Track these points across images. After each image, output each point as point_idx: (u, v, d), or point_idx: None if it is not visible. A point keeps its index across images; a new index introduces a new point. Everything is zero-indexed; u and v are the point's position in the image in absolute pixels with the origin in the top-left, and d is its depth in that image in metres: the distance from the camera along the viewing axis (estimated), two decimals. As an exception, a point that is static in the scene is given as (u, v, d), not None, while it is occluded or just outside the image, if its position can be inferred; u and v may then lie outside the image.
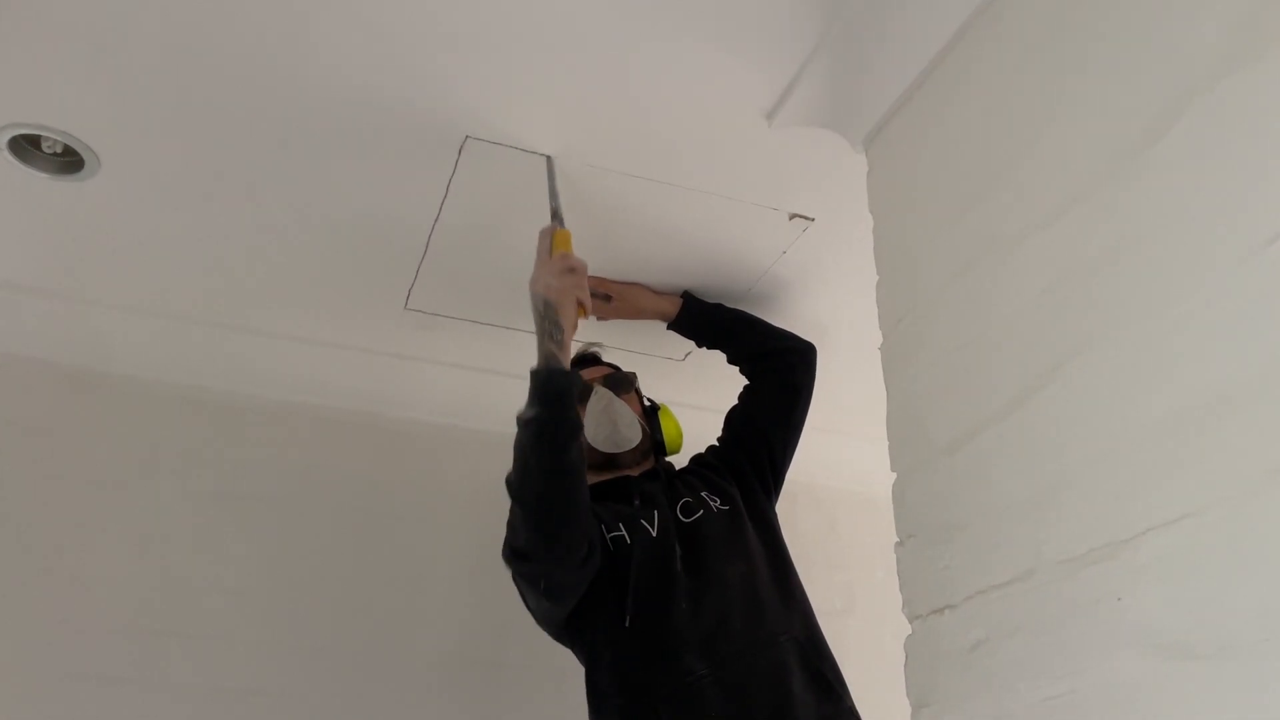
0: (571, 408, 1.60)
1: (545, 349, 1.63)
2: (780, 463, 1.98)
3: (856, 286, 2.15)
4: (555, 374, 1.60)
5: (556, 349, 1.62)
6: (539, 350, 1.64)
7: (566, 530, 1.58)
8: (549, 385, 1.59)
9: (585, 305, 1.72)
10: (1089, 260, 1.09)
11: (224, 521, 2.33)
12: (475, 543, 2.44)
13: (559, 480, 1.56)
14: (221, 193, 1.93)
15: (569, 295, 1.67)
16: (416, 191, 1.91)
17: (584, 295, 1.71)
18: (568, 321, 1.66)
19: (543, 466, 1.55)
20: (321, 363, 2.43)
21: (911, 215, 1.47)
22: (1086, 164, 1.12)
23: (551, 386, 1.59)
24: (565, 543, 1.58)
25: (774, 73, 1.63)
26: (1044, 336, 1.14)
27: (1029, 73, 1.24)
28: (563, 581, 1.62)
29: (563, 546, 1.58)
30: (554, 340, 1.63)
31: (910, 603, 1.31)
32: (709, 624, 1.65)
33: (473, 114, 1.72)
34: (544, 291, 1.67)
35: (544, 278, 1.69)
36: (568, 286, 1.68)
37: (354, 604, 2.35)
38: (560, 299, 1.66)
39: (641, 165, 1.85)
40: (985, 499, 1.20)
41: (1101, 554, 1.02)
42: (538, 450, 1.55)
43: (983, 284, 1.27)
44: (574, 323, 1.69)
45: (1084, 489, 1.06)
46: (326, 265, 2.15)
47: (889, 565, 2.83)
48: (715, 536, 1.77)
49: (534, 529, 1.56)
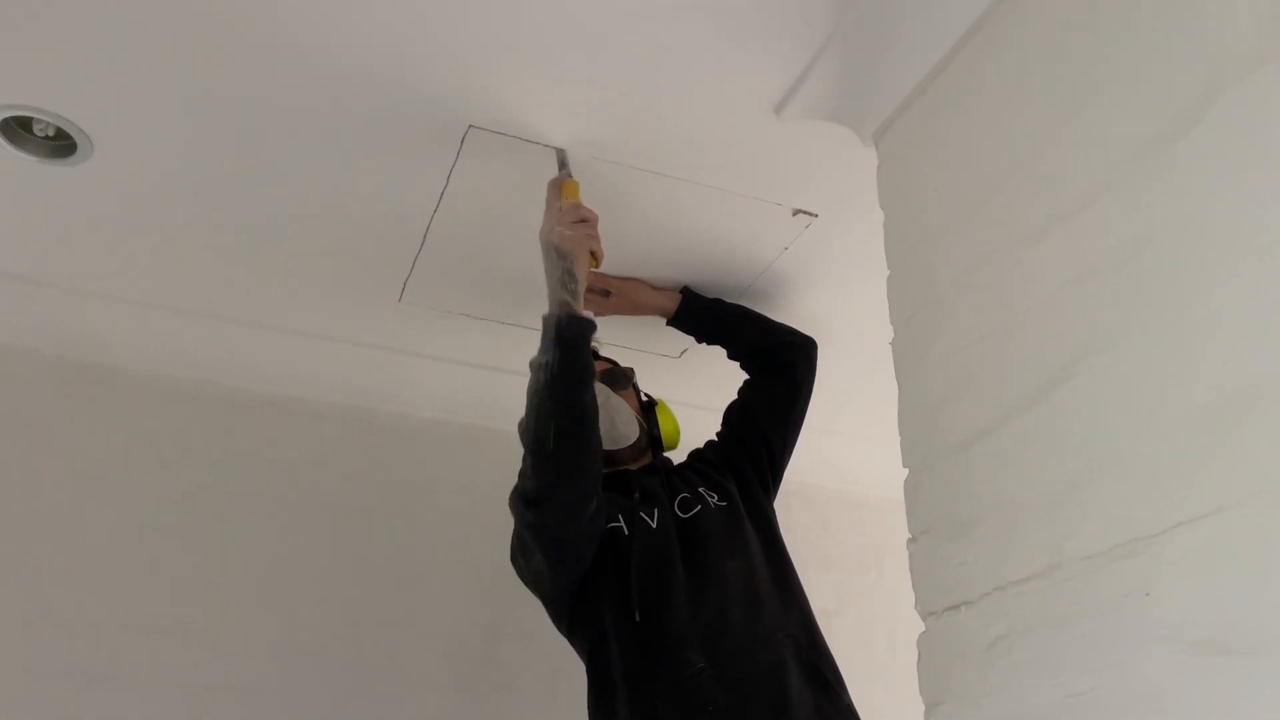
0: (586, 353, 1.59)
1: (559, 296, 1.61)
2: (779, 459, 1.97)
3: (858, 285, 2.16)
4: (569, 319, 1.59)
5: (570, 297, 1.61)
6: (551, 298, 1.62)
7: (578, 473, 1.56)
8: (564, 330, 1.58)
9: (598, 255, 1.70)
10: (1114, 253, 1.08)
11: (215, 516, 2.29)
12: (469, 539, 2.43)
13: (572, 422, 1.55)
14: (215, 180, 1.90)
15: (582, 244, 1.66)
16: (415, 182, 1.88)
17: (596, 245, 1.69)
18: (581, 270, 1.64)
19: (556, 409, 1.54)
20: (314, 356, 2.40)
21: (924, 209, 1.45)
22: (1113, 155, 1.11)
23: (566, 331, 1.57)
24: (576, 486, 1.56)
25: (785, 64, 1.61)
26: (1067, 329, 1.13)
27: (1052, 64, 1.23)
28: (567, 533, 1.60)
29: (574, 489, 1.56)
30: (567, 289, 1.61)
31: (924, 600, 1.30)
32: (708, 619, 1.64)
33: (476, 102, 1.70)
34: (557, 241, 1.65)
35: (556, 227, 1.67)
36: (580, 236, 1.66)
37: (346, 601, 2.32)
38: (574, 248, 1.64)
39: (645, 158, 1.83)
40: (1004, 494, 1.18)
41: (1128, 549, 1.01)
42: (551, 394, 1.54)
43: (1001, 277, 1.25)
44: (587, 272, 1.67)
45: (1109, 484, 1.04)
46: (320, 256, 2.12)
47: (880, 566, 2.89)
48: (713, 532, 1.76)
49: (545, 470, 1.54)
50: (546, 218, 1.72)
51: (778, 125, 1.72)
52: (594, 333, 1.64)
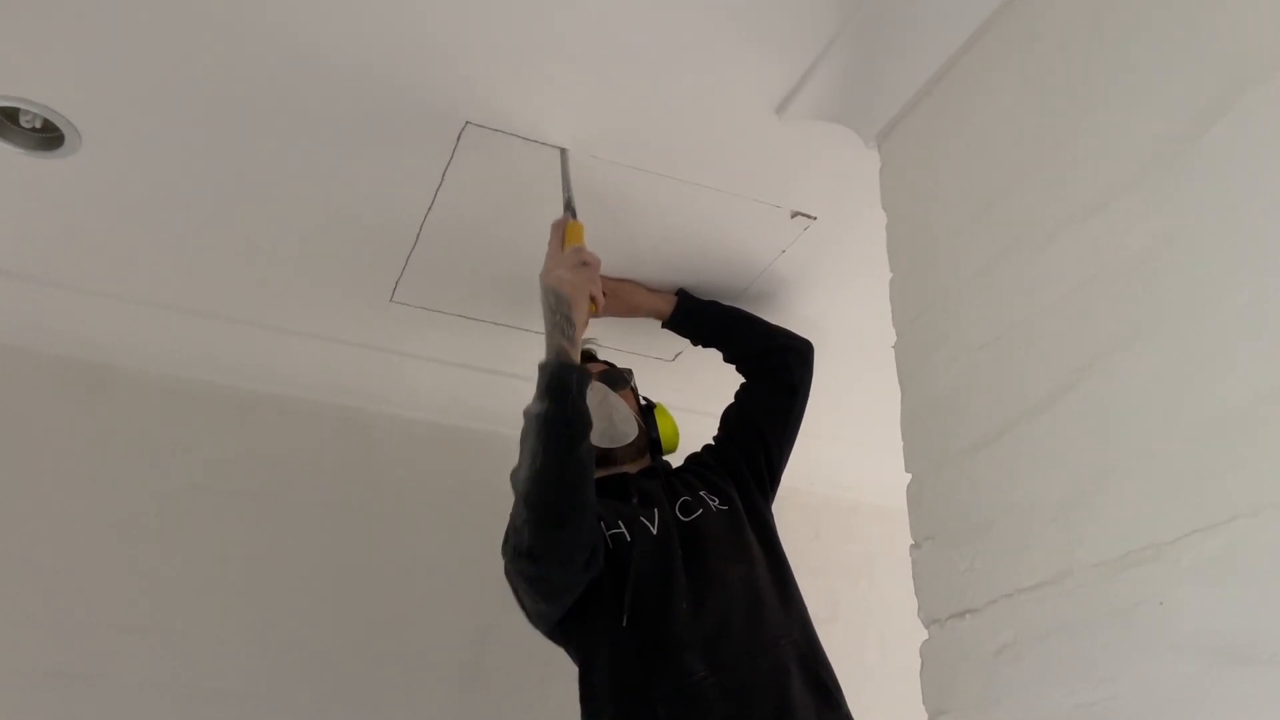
0: (583, 404, 1.56)
1: (556, 343, 1.59)
2: (777, 463, 1.95)
3: (854, 289, 2.14)
4: (566, 368, 1.56)
5: (568, 344, 1.59)
6: (548, 344, 1.60)
7: (572, 530, 1.53)
8: (560, 380, 1.55)
9: (598, 301, 1.69)
10: (1131, 254, 1.06)
11: (202, 516, 2.26)
12: (459, 542, 2.40)
13: (567, 478, 1.52)
14: (205, 175, 1.86)
15: (582, 290, 1.64)
16: (410, 179, 1.85)
17: (596, 291, 1.68)
18: (579, 316, 1.63)
19: (550, 463, 1.51)
20: (304, 354, 2.36)
21: (929, 211, 1.44)
22: (1130, 155, 1.09)
23: (563, 382, 1.55)
24: (570, 543, 1.53)
25: (788, 64, 1.59)
26: (1081, 332, 1.11)
27: (1065, 63, 1.21)
28: (563, 584, 1.58)
29: (567, 547, 1.53)
30: (565, 335, 1.59)
31: (927, 606, 1.28)
32: (710, 625, 1.61)
33: (474, 98, 1.67)
34: (556, 285, 1.64)
35: (556, 270, 1.66)
36: (581, 281, 1.65)
37: (334, 604, 2.28)
38: (573, 293, 1.63)
39: (643, 158, 1.80)
40: (1013, 499, 1.17)
41: (1141, 556, 0.99)
42: (546, 447, 1.51)
43: (1012, 279, 1.23)
44: (585, 318, 1.65)
45: (1122, 489, 1.03)
46: (311, 254, 2.08)
47: (872, 573, 2.87)
48: (715, 536, 1.74)
49: (539, 527, 1.51)
50: (548, 259, 1.71)
51: (778, 126, 1.70)
52: (590, 384, 1.61)
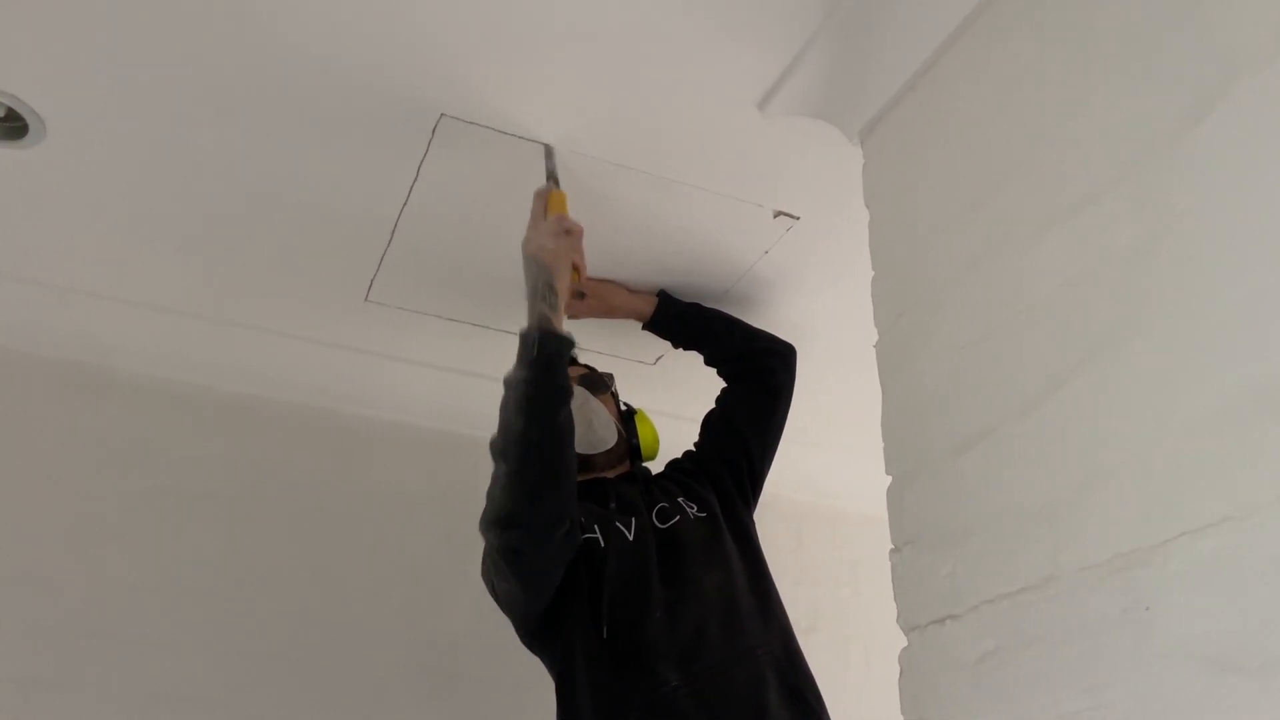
0: (564, 373, 1.54)
1: (538, 311, 1.56)
2: (759, 468, 1.91)
3: (837, 292, 2.11)
4: (548, 336, 1.53)
5: (550, 311, 1.56)
6: (530, 312, 1.57)
7: (552, 495, 1.51)
8: (541, 348, 1.52)
9: (580, 269, 1.66)
10: (1121, 249, 1.03)
11: (168, 518, 2.20)
12: (433, 548, 2.35)
13: (546, 443, 1.49)
14: (173, 168, 1.81)
15: (564, 258, 1.61)
16: (384, 172, 1.81)
17: (579, 259, 1.65)
18: (562, 285, 1.60)
19: (531, 430, 1.48)
20: (276, 354, 2.31)
21: (913, 208, 1.40)
22: (1118, 149, 1.06)
23: (544, 349, 1.52)
24: (549, 512, 1.51)
25: (770, 58, 1.56)
26: (1068, 330, 1.07)
27: (1052, 56, 1.18)
28: (540, 558, 1.54)
29: (546, 512, 1.50)
30: (547, 303, 1.56)
31: (907, 613, 1.24)
32: (685, 635, 1.58)
33: (449, 90, 1.63)
34: (537, 253, 1.61)
35: (538, 239, 1.63)
36: (563, 249, 1.61)
37: (302, 609, 2.23)
38: (555, 261, 1.60)
39: (623, 152, 1.77)
40: (996, 503, 1.13)
41: (1129, 560, 0.95)
42: (526, 413, 1.49)
43: (998, 276, 1.20)
44: (568, 286, 1.62)
45: (1109, 492, 0.99)
46: (283, 250, 2.03)
47: (856, 581, 2.83)
48: (692, 544, 1.70)
49: (517, 494, 1.49)
50: (530, 228, 1.68)
51: (761, 122, 1.67)
52: (572, 350, 1.59)
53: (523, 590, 1.58)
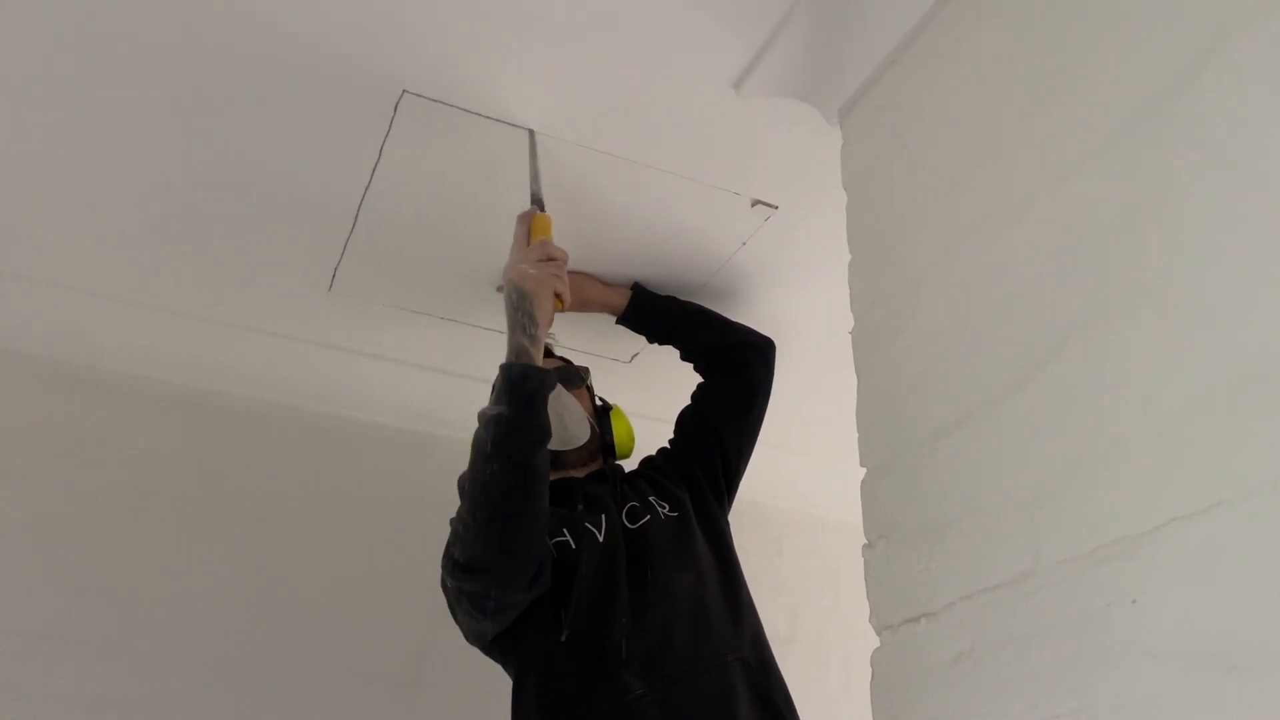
0: (543, 410, 1.46)
1: (516, 343, 1.49)
2: (734, 467, 1.83)
3: (818, 286, 2.04)
4: (528, 371, 1.46)
5: (529, 344, 1.49)
6: (510, 343, 1.50)
7: (522, 543, 1.43)
8: (521, 384, 1.45)
9: (564, 298, 1.60)
10: (1106, 222, 0.96)
11: (123, 516, 2.12)
12: (398, 551, 2.28)
13: (521, 487, 1.41)
14: (117, 150, 1.73)
15: (546, 286, 1.55)
16: (345, 153, 1.73)
17: (562, 287, 1.59)
18: (543, 314, 1.53)
19: (505, 471, 1.40)
20: (235, 347, 2.23)
21: (892, 188, 1.34)
22: (1105, 117, 0.99)
23: (523, 385, 1.45)
24: (519, 557, 1.43)
25: (745, 35, 1.49)
26: (1050, 310, 1.01)
27: (1037, 27, 1.12)
28: (504, 603, 1.46)
29: (516, 561, 1.43)
30: (526, 334, 1.50)
31: (879, 612, 1.17)
32: (651, 640, 1.50)
33: (412, 64, 1.56)
34: (519, 280, 1.54)
35: (520, 265, 1.57)
36: (545, 276, 1.56)
37: (261, 612, 2.14)
38: (537, 289, 1.54)
39: (593, 135, 1.69)
40: (973, 493, 1.06)
41: (1113, 551, 0.88)
42: (502, 453, 1.41)
43: (977, 257, 1.14)
44: (550, 316, 1.56)
45: (1093, 478, 0.92)
46: (241, 238, 1.95)
47: (836, 591, 2.75)
48: (661, 545, 1.62)
49: (486, 538, 1.40)
50: (512, 254, 1.62)
51: (737, 104, 1.60)
52: (554, 389, 1.52)
53: (487, 624, 1.51)
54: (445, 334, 2.23)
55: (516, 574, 1.44)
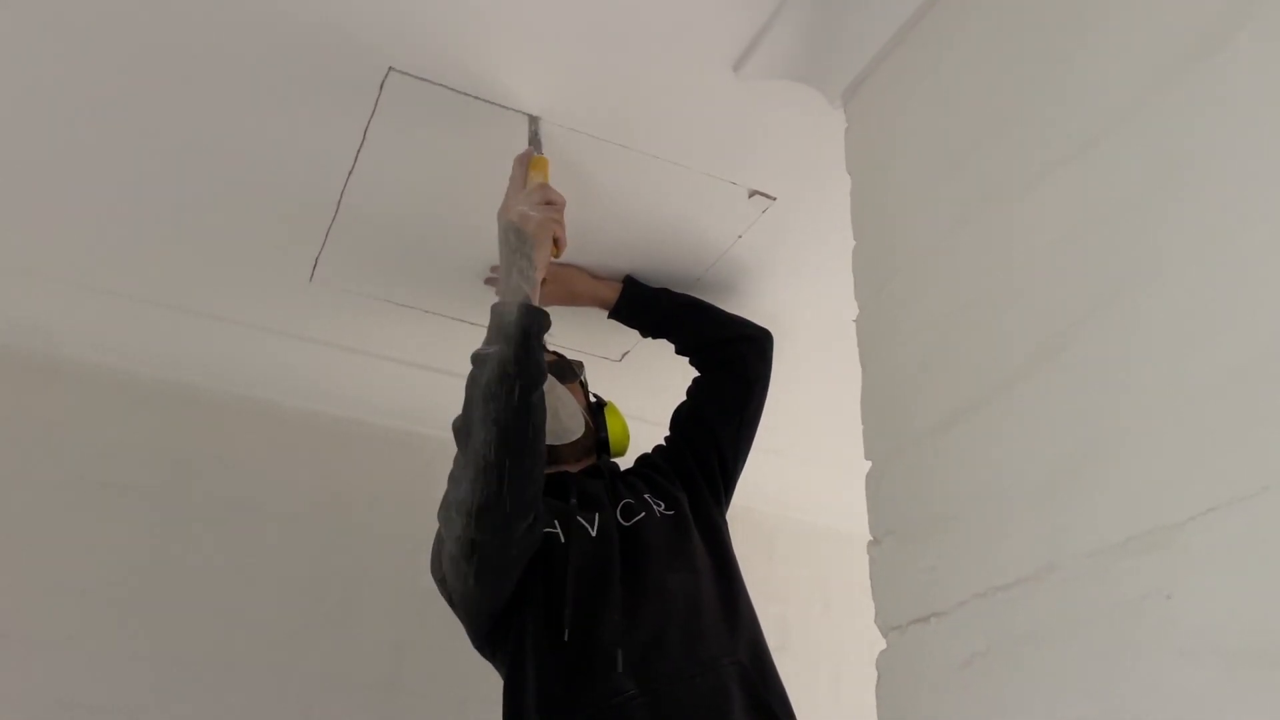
0: (539, 350, 1.41)
1: (513, 283, 1.43)
2: (731, 464, 1.77)
3: (815, 282, 1.98)
4: (523, 309, 1.40)
5: (526, 285, 1.43)
6: (503, 285, 1.45)
7: (520, 484, 1.36)
8: (517, 321, 1.39)
9: (560, 243, 1.54)
10: (1129, 191, 0.91)
11: (90, 512, 2.04)
12: (377, 551, 2.21)
13: (517, 427, 1.35)
14: (90, 133, 1.66)
15: (545, 229, 1.49)
16: (327, 135, 1.66)
17: (561, 232, 1.53)
18: (540, 258, 1.48)
19: (502, 410, 1.34)
20: (206, 338, 2.14)
21: (897, 172, 1.28)
22: (1123, 86, 0.94)
23: (518, 322, 1.39)
24: (517, 499, 1.36)
25: (747, 11, 1.44)
26: (1065, 288, 0.95)
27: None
28: (499, 554, 1.39)
29: (513, 503, 1.36)
30: (524, 276, 1.44)
31: (885, 612, 1.10)
32: (644, 639, 1.44)
33: (399, 39, 1.49)
34: (518, 221, 1.48)
35: (518, 206, 1.50)
36: (544, 219, 1.49)
37: (234, 613, 2.06)
38: (536, 232, 1.48)
39: (587, 118, 1.63)
40: (989, 483, 1.00)
41: (1145, 542, 0.83)
42: (496, 392, 1.35)
43: (983, 236, 1.08)
44: (547, 260, 1.50)
45: (1120, 464, 0.86)
46: (214, 223, 1.87)
47: (827, 600, 2.69)
48: (656, 543, 1.56)
49: (484, 478, 1.34)
50: (509, 195, 1.56)
51: (736, 88, 1.55)
52: (549, 328, 1.46)
53: (478, 587, 1.44)
54: (430, 328, 2.16)
55: (512, 518, 1.37)
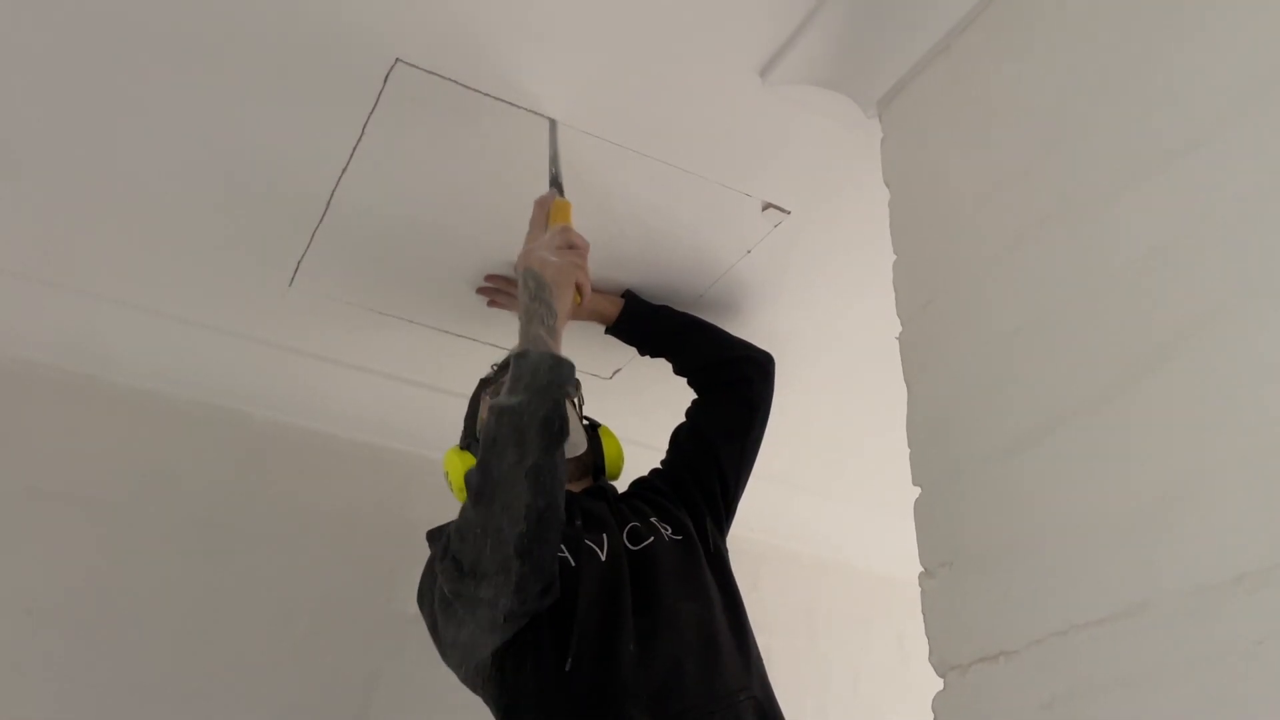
0: (564, 404, 1.31)
1: (533, 333, 1.34)
2: (733, 490, 1.70)
3: (820, 305, 1.91)
4: (547, 359, 1.31)
5: (547, 335, 1.34)
6: (524, 334, 1.35)
7: (540, 547, 1.26)
8: (541, 373, 1.29)
9: (584, 289, 1.46)
10: (1232, 203, 0.85)
11: (40, 524, 1.89)
12: (348, 575, 2.09)
13: (540, 488, 1.25)
14: (64, 114, 1.54)
15: (568, 275, 1.41)
16: (322, 128, 1.56)
17: (584, 279, 1.45)
18: (562, 305, 1.39)
19: (523, 466, 1.24)
20: (179, 343, 2.01)
21: (944, 183, 1.22)
22: (1228, 86, 0.88)
23: (543, 374, 1.29)
24: (536, 562, 1.26)
25: (779, 13, 1.37)
26: (1163, 302, 0.89)
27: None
28: (518, 610, 1.29)
29: (533, 566, 1.25)
30: (544, 325, 1.35)
31: (942, 650, 1.02)
32: (660, 673, 1.35)
33: (408, 28, 1.40)
34: (539, 267, 1.40)
35: (539, 252, 1.42)
36: (567, 265, 1.42)
37: (193, 637, 1.92)
38: (557, 278, 1.40)
39: (602, 121, 1.55)
40: (1067, 512, 0.93)
41: (1265, 579, 0.76)
42: (519, 446, 1.25)
43: (1059, 249, 1.02)
44: (569, 308, 1.42)
45: (1229, 495, 0.80)
46: (190, 221, 1.75)
47: (811, 631, 2.61)
48: (667, 569, 1.48)
49: (500, 541, 1.23)
50: (529, 239, 1.49)
51: (760, 93, 1.48)
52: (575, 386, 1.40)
53: (483, 638, 1.34)
54: (413, 340, 2.05)
55: (532, 580, 1.27)
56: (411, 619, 2.12)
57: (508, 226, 1.73)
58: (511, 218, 1.71)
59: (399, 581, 2.12)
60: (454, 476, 1.63)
